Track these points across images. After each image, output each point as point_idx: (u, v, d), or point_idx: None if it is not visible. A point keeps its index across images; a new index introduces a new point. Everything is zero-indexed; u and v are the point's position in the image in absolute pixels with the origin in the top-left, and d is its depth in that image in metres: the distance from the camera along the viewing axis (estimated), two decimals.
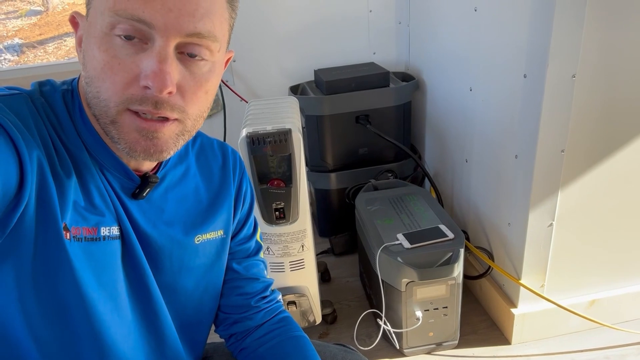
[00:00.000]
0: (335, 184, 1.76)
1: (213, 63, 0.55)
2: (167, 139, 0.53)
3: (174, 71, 0.50)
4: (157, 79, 0.48)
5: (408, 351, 1.33)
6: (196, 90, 0.53)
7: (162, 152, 0.54)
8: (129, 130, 0.52)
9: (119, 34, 0.49)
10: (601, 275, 1.33)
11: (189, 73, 0.52)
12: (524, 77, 1.13)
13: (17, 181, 0.47)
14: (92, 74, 0.51)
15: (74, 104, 0.57)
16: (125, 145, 0.53)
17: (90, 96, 0.52)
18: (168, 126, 0.53)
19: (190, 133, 0.57)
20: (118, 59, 0.49)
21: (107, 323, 0.57)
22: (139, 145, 0.52)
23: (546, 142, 1.12)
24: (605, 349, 1.31)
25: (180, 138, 0.55)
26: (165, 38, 0.49)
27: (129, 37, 0.49)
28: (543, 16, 1.03)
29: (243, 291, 0.76)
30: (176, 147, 0.56)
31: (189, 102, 0.53)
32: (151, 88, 0.49)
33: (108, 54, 0.49)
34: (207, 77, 0.54)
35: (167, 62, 0.49)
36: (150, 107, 0.50)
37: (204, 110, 0.57)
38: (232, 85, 1.83)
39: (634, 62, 1.08)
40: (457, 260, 1.20)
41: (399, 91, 1.70)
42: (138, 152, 0.53)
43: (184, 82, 0.52)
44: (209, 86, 0.55)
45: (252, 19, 1.78)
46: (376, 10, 1.85)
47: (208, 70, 0.54)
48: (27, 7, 8.53)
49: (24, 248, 0.50)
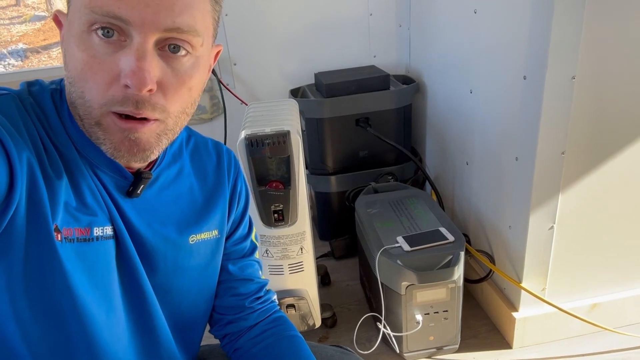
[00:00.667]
0: (335, 187, 1.75)
1: (196, 58, 0.53)
2: (149, 139, 0.53)
3: (154, 68, 0.48)
4: (135, 77, 0.47)
5: (408, 355, 1.32)
6: (178, 87, 0.52)
7: (145, 151, 0.53)
8: (112, 131, 0.51)
9: (96, 29, 0.48)
10: (603, 278, 1.32)
11: (170, 69, 0.51)
12: (524, 79, 1.13)
13: (7, 183, 0.47)
14: (74, 74, 0.50)
15: (63, 103, 0.56)
16: (110, 146, 0.52)
17: (75, 96, 0.51)
18: (148, 126, 0.52)
19: (174, 131, 0.56)
20: (97, 58, 0.48)
21: (100, 324, 0.56)
22: (123, 145, 0.52)
23: (546, 144, 1.12)
24: (607, 353, 1.30)
25: (163, 137, 0.54)
26: (143, 34, 0.47)
27: (107, 32, 0.48)
28: (542, 18, 1.03)
29: (237, 292, 0.76)
30: (160, 147, 0.55)
31: (170, 99, 0.52)
32: (131, 86, 0.48)
33: (87, 53, 0.48)
34: (190, 73, 0.53)
35: (145, 59, 0.48)
36: (132, 108, 0.49)
37: (187, 107, 0.55)
38: (233, 88, 1.84)
39: (633, 63, 1.07)
40: (458, 263, 1.19)
41: (399, 94, 1.70)
42: (122, 153, 0.52)
43: (165, 79, 0.51)
44: (192, 82, 0.53)
45: (253, 23, 1.78)
46: (376, 14, 1.85)
47: (191, 65, 0.52)
48: (32, 13, 8.59)
49: (15, 250, 0.49)
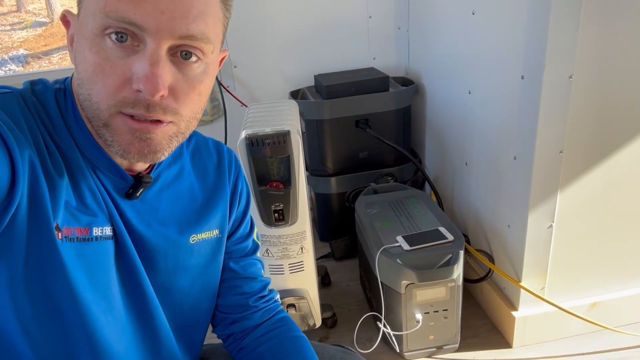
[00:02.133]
0: (335, 188, 1.76)
1: (207, 65, 0.54)
2: (161, 140, 0.53)
3: (166, 74, 0.49)
4: (149, 83, 0.48)
5: (408, 354, 1.32)
6: (189, 92, 0.53)
7: (156, 152, 0.53)
8: (122, 132, 0.51)
9: (109, 33, 0.48)
10: (602, 277, 1.32)
11: (181, 75, 0.52)
12: (522, 79, 1.14)
13: (9, 181, 0.47)
14: (84, 75, 0.50)
15: (67, 103, 0.57)
16: (119, 148, 0.52)
17: (82, 98, 0.52)
18: (162, 128, 0.52)
19: (184, 135, 0.56)
20: (109, 61, 0.49)
21: (100, 323, 0.57)
22: (133, 146, 0.52)
23: (544, 143, 1.12)
24: (606, 352, 1.30)
25: (174, 139, 0.55)
26: (157, 41, 0.48)
27: (121, 37, 0.48)
28: (539, 18, 1.04)
29: (241, 290, 0.76)
30: (170, 149, 0.55)
31: (182, 104, 0.52)
32: (143, 92, 0.48)
33: (99, 55, 0.49)
34: (200, 79, 0.53)
35: (159, 65, 0.48)
36: (143, 111, 0.50)
37: (198, 112, 0.56)
38: (233, 90, 1.85)
39: (630, 62, 1.08)
40: (457, 262, 1.20)
41: (398, 95, 1.71)
42: (132, 154, 0.52)
43: (176, 85, 0.51)
44: (202, 88, 0.54)
45: (253, 26, 1.79)
46: (376, 16, 1.86)
47: (201, 72, 0.53)
48: (32, 19, 8.62)
49: (16, 248, 0.50)
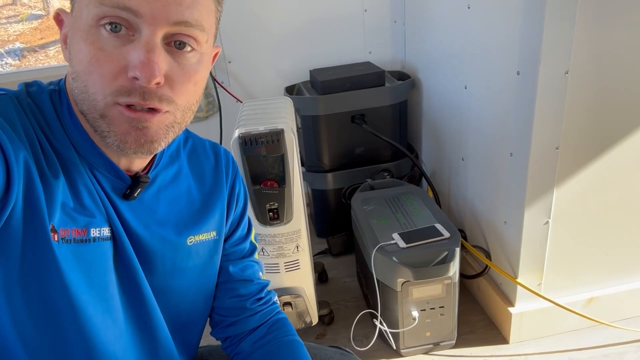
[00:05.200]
0: (332, 184, 1.75)
1: (201, 54, 0.54)
2: (157, 130, 0.53)
3: (162, 61, 0.49)
4: (145, 69, 0.48)
5: (405, 351, 1.32)
6: (185, 81, 0.53)
7: (152, 142, 0.53)
8: (118, 122, 0.51)
9: (104, 24, 0.48)
10: (599, 272, 1.32)
11: (177, 65, 0.52)
12: (517, 74, 1.13)
13: (4, 183, 0.47)
14: (79, 68, 0.50)
15: (62, 104, 0.56)
16: (115, 138, 0.52)
17: (78, 91, 0.51)
18: (158, 117, 0.52)
19: (180, 125, 0.56)
20: (105, 51, 0.49)
21: (97, 325, 0.57)
22: (130, 136, 0.52)
23: (540, 139, 1.11)
24: (603, 347, 1.30)
25: (170, 130, 0.55)
26: (152, 27, 0.48)
27: (115, 27, 0.48)
28: (535, 13, 1.03)
29: (238, 293, 0.76)
30: (167, 140, 0.55)
31: (177, 93, 0.53)
32: (139, 78, 0.48)
33: (94, 46, 0.49)
34: (195, 69, 0.54)
35: (154, 52, 0.48)
36: (139, 99, 0.50)
37: (193, 103, 0.56)
38: (228, 86, 1.83)
39: (626, 58, 1.07)
40: (453, 260, 1.19)
41: (394, 90, 1.70)
42: (129, 144, 0.52)
43: (172, 74, 0.51)
44: (197, 77, 0.54)
45: (247, 20, 1.77)
46: (371, 10, 1.84)
47: (196, 61, 0.54)
48: (28, 12, 8.57)
49: (11, 250, 0.50)
